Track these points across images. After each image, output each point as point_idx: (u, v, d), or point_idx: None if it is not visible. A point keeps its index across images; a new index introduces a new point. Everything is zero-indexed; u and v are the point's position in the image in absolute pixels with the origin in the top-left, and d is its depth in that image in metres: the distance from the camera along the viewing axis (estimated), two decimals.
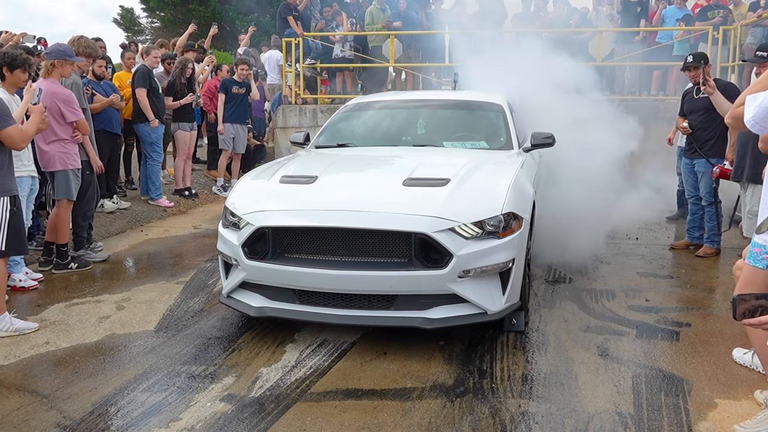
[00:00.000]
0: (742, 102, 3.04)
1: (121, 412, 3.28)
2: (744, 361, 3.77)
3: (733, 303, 2.21)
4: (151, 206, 8.36)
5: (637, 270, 5.77)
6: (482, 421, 3.17)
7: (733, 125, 3.25)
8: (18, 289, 5.17)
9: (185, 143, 8.93)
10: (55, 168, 5.57)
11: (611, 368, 3.75)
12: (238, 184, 4.69)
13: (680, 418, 3.20)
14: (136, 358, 3.93)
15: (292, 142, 5.87)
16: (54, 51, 5.54)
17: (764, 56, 4.74)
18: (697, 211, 6.36)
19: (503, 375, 3.66)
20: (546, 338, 4.18)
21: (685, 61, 6.06)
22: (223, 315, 4.62)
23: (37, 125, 4.55)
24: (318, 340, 4.14)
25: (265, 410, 3.28)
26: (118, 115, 7.81)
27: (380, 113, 6.14)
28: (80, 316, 4.67)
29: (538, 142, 5.31)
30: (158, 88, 8.23)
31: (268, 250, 3.97)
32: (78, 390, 3.51)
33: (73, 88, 5.81)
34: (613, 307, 4.80)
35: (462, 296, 3.80)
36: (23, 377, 3.70)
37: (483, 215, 3.86)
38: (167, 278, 5.61)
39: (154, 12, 27.90)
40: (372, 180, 4.51)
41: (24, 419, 3.21)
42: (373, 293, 3.86)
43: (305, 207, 4.09)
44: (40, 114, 4.58)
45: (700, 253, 6.22)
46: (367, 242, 3.85)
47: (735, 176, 5.35)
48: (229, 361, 3.87)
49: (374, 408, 3.30)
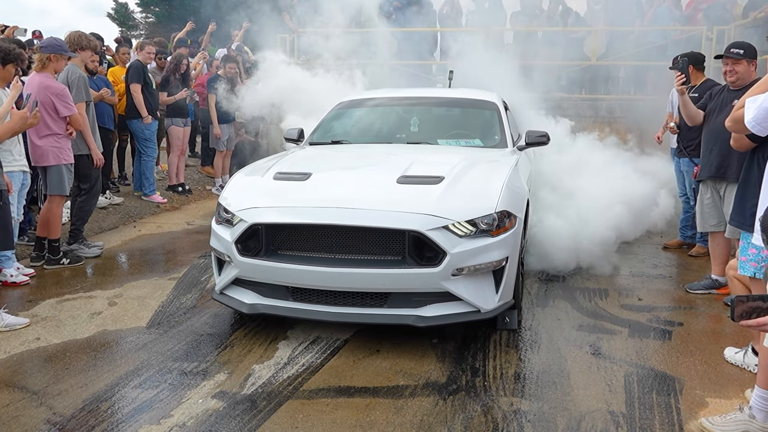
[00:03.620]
0: (742, 105, 3.06)
1: (111, 409, 3.26)
2: (735, 360, 3.79)
3: (731, 304, 2.21)
4: (144, 202, 8.32)
5: (629, 269, 5.79)
6: (474, 419, 3.17)
7: (733, 128, 3.26)
8: (9, 285, 5.14)
9: (179, 139, 8.89)
10: (49, 163, 5.53)
11: (604, 367, 3.75)
12: (231, 181, 4.68)
13: (671, 416, 3.21)
14: (127, 355, 3.91)
15: (286, 139, 5.85)
16: (50, 45, 5.50)
17: (740, 54, 4.70)
18: (688, 210, 6.37)
19: (496, 373, 3.66)
20: (539, 337, 4.19)
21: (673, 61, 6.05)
22: (216, 312, 4.61)
23: (11, 130, 4.48)
24: (311, 337, 4.13)
25: (257, 407, 3.27)
26: (111, 111, 7.77)
27: (375, 110, 6.12)
28: (72, 311, 4.64)
29: (533, 140, 5.32)
30: (152, 83, 8.20)
31: (262, 247, 3.96)
32: (69, 386, 3.50)
33: (80, 81, 5.82)
34: (606, 306, 4.81)
35: (455, 294, 3.80)
36: (13, 373, 3.67)
37: (477, 213, 3.86)
38: (160, 274, 5.58)
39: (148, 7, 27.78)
40: (366, 177, 4.50)
41: (13, 416, 3.19)
42: (366, 291, 3.85)
43: (299, 204, 4.08)
44: (19, 121, 4.49)
45: (693, 252, 6.25)
46: (361, 240, 3.84)
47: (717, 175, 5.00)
48: (221, 358, 3.85)
49: (366, 406, 3.29)
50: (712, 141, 4.88)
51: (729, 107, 4.44)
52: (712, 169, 4.85)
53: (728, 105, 4.64)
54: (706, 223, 5.04)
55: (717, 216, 4.96)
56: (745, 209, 3.44)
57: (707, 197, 5.01)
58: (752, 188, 3.40)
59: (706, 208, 5.02)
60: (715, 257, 5.09)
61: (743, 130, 3.11)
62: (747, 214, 3.41)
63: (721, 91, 4.98)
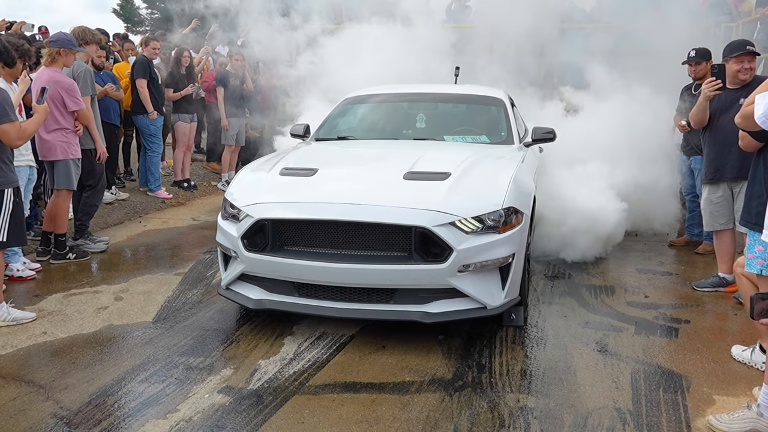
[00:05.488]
0: (751, 101, 3.05)
1: (118, 403, 3.27)
2: (743, 358, 3.77)
3: (750, 302, 2.20)
4: (149, 197, 8.34)
5: (636, 266, 5.77)
6: (481, 415, 3.16)
7: (743, 125, 3.25)
8: (16, 279, 5.15)
9: (185, 135, 8.90)
10: (56, 157, 5.54)
11: (610, 364, 3.74)
12: (237, 176, 4.67)
13: (678, 414, 3.20)
14: (133, 349, 3.92)
15: (292, 135, 5.84)
16: (59, 39, 5.52)
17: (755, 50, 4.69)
18: (695, 208, 6.33)
19: (502, 370, 3.65)
20: (545, 333, 4.18)
21: (688, 56, 6.02)
22: (222, 307, 4.61)
23: (39, 125, 4.51)
24: (316, 333, 4.13)
25: (263, 402, 3.27)
26: (116, 106, 7.78)
27: (381, 106, 6.11)
28: (78, 306, 4.65)
29: (539, 136, 5.30)
30: (158, 78, 8.20)
31: (268, 243, 3.95)
32: (75, 380, 3.50)
33: (86, 75, 5.84)
34: (612, 303, 4.79)
35: (461, 291, 3.79)
36: (20, 367, 3.68)
37: (483, 210, 3.85)
38: (165, 269, 5.59)
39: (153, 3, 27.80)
40: (372, 173, 4.49)
41: (20, 409, 3.20)
42: (372, 287, 3.85)
43: (305, 200, 4.07)
44: (44, 114, 4.54)
45: (700, 250, 6.22)
46: (367, 235, 3.84)
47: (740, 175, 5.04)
48: (227, 353, 3.86)
49: (372, 401, 3.29)
50: (728, 141, 4.76)
51: (736, 105, 4.40)
52: (734, 169, 4.77)
53: (735, 104, 4.61)
54: (716, 222, 5.00)
55: (726, 215, 4.93)
56: (752, 208, 3.44)
57: (717, 196, 4.96)
58: (758, 187, 3.39)
59: (716, 207, 4.97)
60: (721, 255, 5.07)
61: (753, 127, 3.10)
62: (753, 212, 3.40)
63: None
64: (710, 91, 4.66)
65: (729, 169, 4.83)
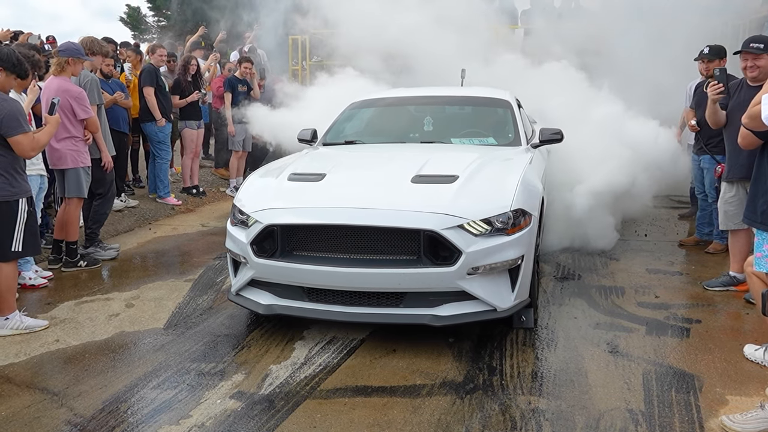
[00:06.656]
0: (758, 101, 3.04)
1: (131, 410, 3.29)
2: (755, 357, 3.75)
3: (762, 298, 2.20)
4: (159, 204, 8.38)
5: (646, 266, 5.75)
6: (492, 418, 3.16)
7: (750, 125, 3.24)
8: (28, 287, 5.19)
9: (192, 141, 8.94)
10: (67, 166, 5.59)
11: (621, 365, 3.73)
12: (246, 182, 4.69)
13: (691, 414, 3.18)
14: (145, 356, 3.94)
15: (299, 140, 5.86)
16: (68, 49, 5.57)
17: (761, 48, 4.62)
18: (706, 208, 6.31)
19: (513, 372, 3.65)
20: (555, 335, 4.17)
21: (701, 53, 5.99)
22: (232, 312, 4.63)
23: (51, 135, 4.54)
24: (327, 337, 4.14)
25: (274, 407, 3.28)
26: (125, 114, 7.84)
27: (388, 110, 6.12)
28: (90, 313, 4.68)
29: (546, 138, 5.29)
30: (165, 86, 8.25)
31: (277, 248, 3.97)
32: (88, 387, 3.53)
33: (92, 84, 5.88)
34: (623, 303, 4.78)
35: (471, 293, 3.79)
36: (33, 375, 3.71)
37: (492, 212, 3.85)
38: (176, 276, 5.62)
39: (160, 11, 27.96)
40: (380, 177, 4.50)
41: (35, 416, 3.23)
42: (382, 291, 3.85)
43: (314, 205, 4.09)
44: (56, 125, 4.57)
45: (710, 249, 6.18)
46: (376, 240, 3.85)
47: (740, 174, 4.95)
48: (238, 359, 3.87)
49: (384, 405, 3.30)
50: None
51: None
52: (744, 168, 4.67)
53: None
54: (730, 221, 4.97)
55: (741, 214, 4.91)
56: (757, 206, 3.42)
57: (730, 195, 4.94)
58: (762, 185, 3.38)
59: (730, 206, 4.94)
60: (734, 254, 5.04)
61: (760, 127, 3.09)
62: (759, 211, 3.39)
63: (740, 86, 4.89)
64: (713, 95, 4.68)
65: (740, 168, 4.80)
